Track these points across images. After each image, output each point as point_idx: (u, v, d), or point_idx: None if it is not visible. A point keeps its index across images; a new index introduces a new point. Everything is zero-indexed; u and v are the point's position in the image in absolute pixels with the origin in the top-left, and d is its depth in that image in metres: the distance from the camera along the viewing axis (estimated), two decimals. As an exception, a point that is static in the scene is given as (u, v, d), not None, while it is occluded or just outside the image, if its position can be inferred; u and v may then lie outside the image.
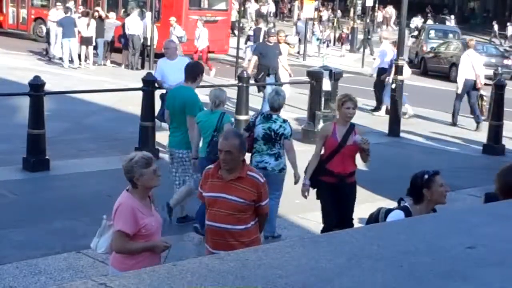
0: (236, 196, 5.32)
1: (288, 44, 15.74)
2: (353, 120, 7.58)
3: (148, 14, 23.25)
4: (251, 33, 26.04)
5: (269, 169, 7.81)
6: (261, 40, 27.67)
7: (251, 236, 5.41)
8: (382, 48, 17.66)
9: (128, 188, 5.19)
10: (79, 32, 22.06)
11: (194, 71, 8.59)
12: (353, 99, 7.48)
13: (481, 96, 16.20)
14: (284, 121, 8.01)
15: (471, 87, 15.81)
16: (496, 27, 44.94)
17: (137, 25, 22.73)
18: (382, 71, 16.91)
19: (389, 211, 5.54)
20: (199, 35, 22.57)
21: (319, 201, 9.66)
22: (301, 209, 9.32)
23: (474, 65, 15.89)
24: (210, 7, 26.65)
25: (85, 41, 22.34)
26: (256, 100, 16.32)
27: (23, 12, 29.83)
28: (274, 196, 7.67)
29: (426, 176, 5.43)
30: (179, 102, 8.39)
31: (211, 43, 23.35)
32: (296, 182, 8.04)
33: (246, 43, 25.40)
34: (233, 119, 8.89)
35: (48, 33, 24.17)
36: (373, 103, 17.79)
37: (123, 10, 27.03)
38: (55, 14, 24.11)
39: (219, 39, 24.80)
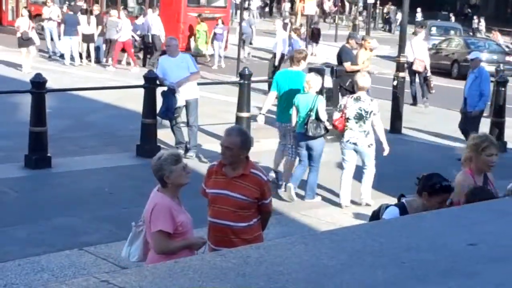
0: (239, 194, 5.33)
1: (371, 49, 15.50)
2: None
3: (150, 11, 23.24)
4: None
5: (359, 145, 9.18)
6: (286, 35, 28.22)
7: (254, 234, 5.40)
8: (280, 36, 19.71)
9: (157, 188, 5.17)
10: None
11: (297, 57, 9.99)
12: (495, 144, 6.13)
13: (425, 78, 17.95)
14: (371, 99, 9.33)
15: (412, 71, 17.68)
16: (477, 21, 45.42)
17: (159, 24, 22.72)
18: (281, 57, 19.07)
19: (388, 207, 5.55)
20: (121, 26, 21.98)
21: (319, 199, 9.70)
22: (302, 206, 9.33)
23: (414, 50, 17.82)
24: (209, 4, 26.64)
25: (86, 38, 22.32)
26: (258, 97, 16.32)
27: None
28: (365, 169, 9.34)
29: (437, 186, 5.33)
30: (288, 84, 9.82)
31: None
32: (386, 153, 9.49)
33: None
34: (322, 98, 9.96)
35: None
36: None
37: (122, 7, 27.05)
38: (48, 11, 24.10)
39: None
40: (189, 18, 24.92)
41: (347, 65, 14.36)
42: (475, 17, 46.98)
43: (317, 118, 9.22)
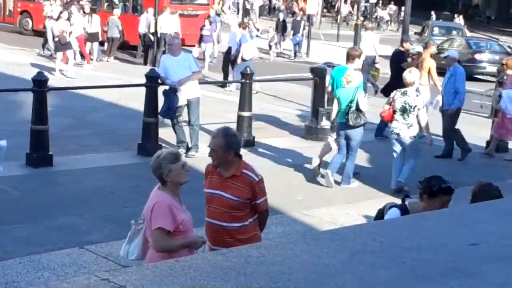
0: (230, 194, 5.34)
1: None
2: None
3: (151, 10, 23.23)
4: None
5: (401, 135, 9.90)
6: (300, 32, 28.29)
7: (249, 234, 5.36)
8: (233, 30, 20.57)
9: (158, 186, 5.17)
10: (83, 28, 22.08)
11: (352, 54, 10.65)
12: None
13: (375, 68, 18.28)
14: (417, 95, 10.02)
15: (371, 63, 18.12)
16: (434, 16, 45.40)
17: (169, 23, 22.72)
18: (230, 50, 19.45)
19: (392, 207, 5.55)
20: (73, 22, 21.66)
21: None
22: (303, 205, 9.33)
23: (374, 44, 19.30)
24: (191, 0, 26.63)
25: (90, 37, 22.35)
26: (259, 97, 16.36)
27: (10, 5, 29.84)
28: (407, 161, 9.99)
29: (436, 187, 5.37)
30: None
31: (186, 37, 23.28)
32: (430, 145, 10.36)
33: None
34: (363, 91, 10.45)
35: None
36: (377, 100, 17.73)
37: (106, 4, 27.10)
38: (50, 9, 24.09)
39: (194, 33, 24.75)
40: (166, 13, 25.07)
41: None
42: (455, 15, 46.84)
43: (357, 109, 9.89)
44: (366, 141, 13.27)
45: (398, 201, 6.03)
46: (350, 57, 10.69)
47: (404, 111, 9.88)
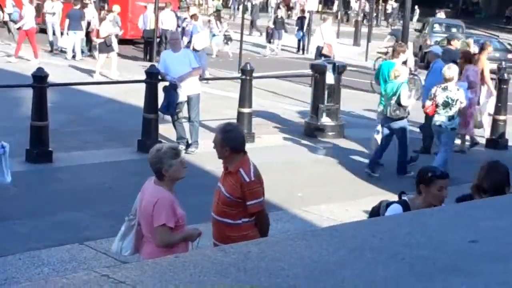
0: (225, 190, 5.37)
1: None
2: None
3: (150, 6, 23.21)
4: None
5: (443, 127, 10.50)
6: (304, 29, 28.45)
7: (239, 232, 5.31)
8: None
9: (153, 181, 5.18)
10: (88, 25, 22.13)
11: (398, 50, 11.46)
12: None
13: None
14: (458, 89, 10.56)
15: (321, 54, 19.43)
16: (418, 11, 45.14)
17: (170, 20, 22.70)
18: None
19: (389, 204, 5.55)
20: (24, 13, 21.17)
21: (321, 194, 9.72)
22: (303, 202, 9.34)
23: (323, 36, 20.01)
24: None
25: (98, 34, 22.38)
26: (260, 93, 16.33)
27: None
28: (444, 149, 10.59)
29: (429, 174, 5.43)
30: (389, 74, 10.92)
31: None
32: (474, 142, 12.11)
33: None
34: (407, 86, 10.88)
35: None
36: (377, 97, 17.77)
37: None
38: (50, 5, 24.07)
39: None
40: (137, 7, 25.20)
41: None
42: (437, 10, 46.35)
43: (398, 103, 10.47)
44: (366, 138, 13.29)
45: (396, 198, 6.02)
46: (396, 52, 11.42)
47: (447, 105, 10.41)
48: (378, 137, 11.24)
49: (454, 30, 31.92)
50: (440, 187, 5.38)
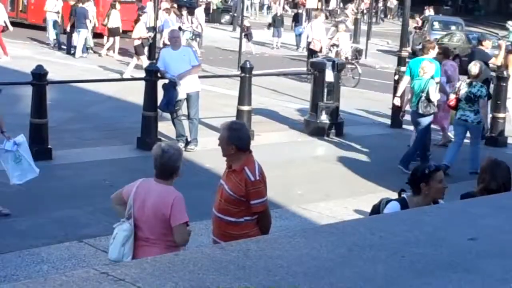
0: (228, 188, 5.36)
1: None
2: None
3: (150, 4, 23.19)
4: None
5: (469, 121, 10.85)
6: (302, 24, 28.57)
7: (241, 231, 5.30)
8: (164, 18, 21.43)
9: (155, 180, 5.17)
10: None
11: (427, 46, 11.84)
12: None
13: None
14: (481, 86, 10.92)
15: (310, 50, 19.77)
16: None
17: (172, 17, 22.67)
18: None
19: (389, 201, 5.56)
20: None
21: (320, 192, 9.73)
22: (302, 199, 9.34)
23: (313, 31, 20.15)
24: None
25: (112, 32, 22.38)
26: (259, 91, 16.32)
27: None
28: (475, 142, 11.08)
29: (426, 171, 5.44)
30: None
31: (123, 23, 23.15)
32: (486, 133, 11.97)
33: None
34: (434, 82, 10.98)
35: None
36: (376, 95, 17.82)
37: None
38: (52, 3, 24.06)
39: (130, 19, 24.69)
40: (107, 1, 25.22)
41: (493, 61, 14.74)
42: (426, 7, 46.01)
43: (428, 99, 10.73)
44: (365, 136, 13.30)
45: (396, 196, 6.03)
46: (425, 49, 11.74)
47: (469, 100, 10.78)
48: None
49: (453, 28, 31.93)
50: (440, 179, 5.41)
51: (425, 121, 11.01)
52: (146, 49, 20.08)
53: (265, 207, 5.47)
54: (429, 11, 36.15)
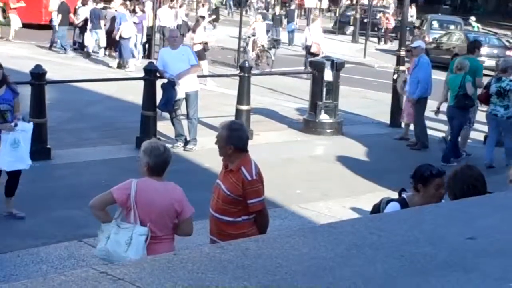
0: (225, 188, 5.36)
1: None
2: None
3: (148, 4, 23.18)
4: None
5: (499, 116, 11.27)
6: (294, 21, 28.53)
7: (239, 230, 5.31)
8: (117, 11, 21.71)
9: (154, 179, 5.20)
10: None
11: (474, 45, 12.58)
12: None
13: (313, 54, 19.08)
14: (510, 80, 11.27)
15: (310, 53, 19.84)
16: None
17: (169, 16, 22.65)
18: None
19: (389, 201, 5.55)
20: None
21: (319, 191, 9.73)
22: (301, 199, 9.34)
23: (312, 34, 20.31)
24: None
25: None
26: (258, 90, 16.34)
27: None
28: (508, 136, 11.49)
29: (427, 173, 5.39)
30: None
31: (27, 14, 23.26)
32: None
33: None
34: (471, 79, 11.48)
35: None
36: (377, 94, 17.82)
37: None
38: (55, 2, 24.06)
39: (36, 9, 24.61)
40: None
41: None
42: (410, 5, 45.97)
43: (465, 94, 11.25)
44: (364, 135, 13.31)
45: (395, 195, 6.03)
46: (470, 48, 12.45)
47: (500, 94, 11.21)
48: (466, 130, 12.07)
49: (452, 27, 31.96)
50: (437, 185, 5.33)
51: (458, 114, 11.44)
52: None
53: (263, 206, 5.47)
54: (411, 10, 36.07)
